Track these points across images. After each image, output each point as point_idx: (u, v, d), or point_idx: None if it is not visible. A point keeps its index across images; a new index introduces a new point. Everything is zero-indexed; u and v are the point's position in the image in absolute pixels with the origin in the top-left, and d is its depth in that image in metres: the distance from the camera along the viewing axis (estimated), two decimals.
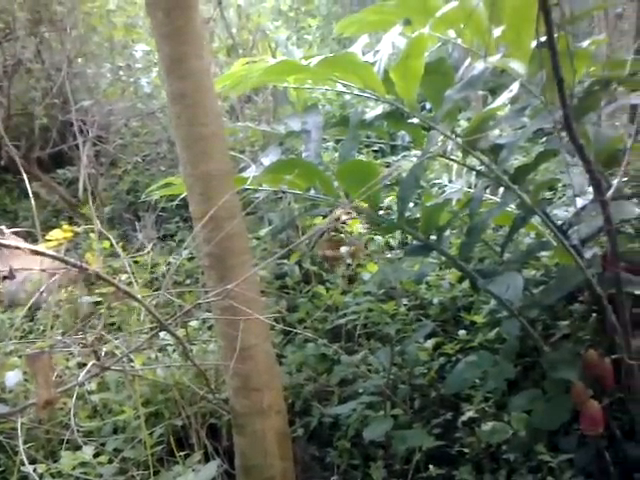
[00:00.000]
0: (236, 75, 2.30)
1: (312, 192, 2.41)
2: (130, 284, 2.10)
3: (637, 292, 1.97)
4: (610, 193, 1.62)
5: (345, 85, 2.42)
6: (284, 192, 2.53)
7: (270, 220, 3.36)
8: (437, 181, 3.70)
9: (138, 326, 2.36)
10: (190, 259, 3.36)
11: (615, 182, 1.68)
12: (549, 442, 2.39)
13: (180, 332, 2.45)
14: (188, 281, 3.33)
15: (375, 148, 4.68)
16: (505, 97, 2.05)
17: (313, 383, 2.69)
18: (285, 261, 3.14)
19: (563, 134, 2.27)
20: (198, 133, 2.01)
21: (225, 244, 2.02)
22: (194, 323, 2.82)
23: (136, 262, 2.90)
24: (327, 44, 5.40)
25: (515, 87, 2.00)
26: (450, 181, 3.54)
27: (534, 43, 2.05)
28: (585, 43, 2.41)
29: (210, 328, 2.82)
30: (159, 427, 2.29)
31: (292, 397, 2.67)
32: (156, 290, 2.74)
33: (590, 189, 2.29)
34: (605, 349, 2.16)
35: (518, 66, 1.96)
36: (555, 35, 2.00)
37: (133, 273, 1.91)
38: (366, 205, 2.40)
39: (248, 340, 1.98)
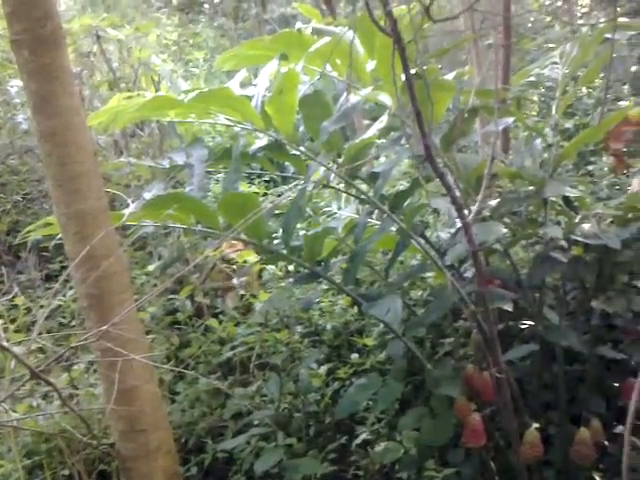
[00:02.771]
0: (112, 111, 2.27)
1: (199, 226, 2.40)
2: (6, 329, 2.00)
3: (506, 307, 2.10)
4: (471, 216, 1.71)
5: (227, 119, 2.45)
6: (166, 227, 2.49)
7: (160, 255, 3.31)
8: (327, 209, 3.78)
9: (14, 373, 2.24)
10: (76, 300, 3.23)
11: (476, 205, 1.78)
12: (440, 457, 2.47)
13: (64, 377, 2.35)
14: (74, 322, 3.20)
15: (267, 178, 4.73)
16: (376, 127, 2.14)
17: (207, 419, 2.64)
18: (176, 296, 3.09)
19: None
20: (70, 171, 1.96)
21: (103, 284, 1.97)
22: (81, 366, 2.71)
23: (15, 306, 2.75)
24: (217, 76, 5.42)
25: (384, 118, 2.09)
26: (339, 208, 3.61)
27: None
28: (451, 75, 2.57)
29: (96, 371, 2.72)
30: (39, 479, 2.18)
31: (185, 435, 2.62)
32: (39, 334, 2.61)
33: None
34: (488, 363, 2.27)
35: (386, 98, 2.05)
36: (422, 68, 2.13)
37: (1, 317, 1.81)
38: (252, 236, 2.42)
39: (131, 381, 1.93)
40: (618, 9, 3.88)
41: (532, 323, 2.51)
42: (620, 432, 1.30)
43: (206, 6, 8.68)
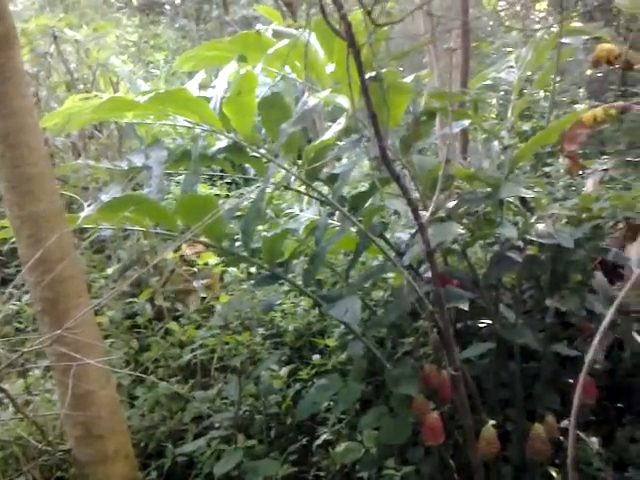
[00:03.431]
0: (67, 112, 2.23)
1: (159, 228, 2.38)
2: None
3: (463, 307, 2.13)
4: (427, 217, 1.74)
5: (186, 120, 2.43)
6: (125, 230, 2.47)
7: (119, 258, 3.27)
8: (289, 210, 3.78)
9: None
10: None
11: (431, 206, 1.81)
12: (400, 456, 2.49)
13: (20, 383, 2.31)
14: (31, 328, 3.14)
15: (228, 180, 4.71)
16: (335, 130, 2.15)
17: (167, 423, 2.62)
18: (136, 299, 3.05)
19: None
20: (23, 173, 1.92)
21: (58, 287, 1.94)
22: (36, 372, 2.66)
23: None
24: (178, 77, 5.37)
25: (342, 120, 2.11)
26: (301, 210, 3.62)
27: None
28: (409, 78, 2.60)
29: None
30: None
31: (145, 440, 2.59)
32: None
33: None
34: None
35: (344, 101, 2.07)
36: (379, 71, 2.15)
37: None
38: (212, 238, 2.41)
39: (86, 386, 1.90)
40: (573, 14, 3.97)
41: (490, 322, 2.55)
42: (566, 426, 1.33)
43: (167, 7, 8.61)
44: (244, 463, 2.24)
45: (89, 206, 2.23)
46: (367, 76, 2.10)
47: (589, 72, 4.34)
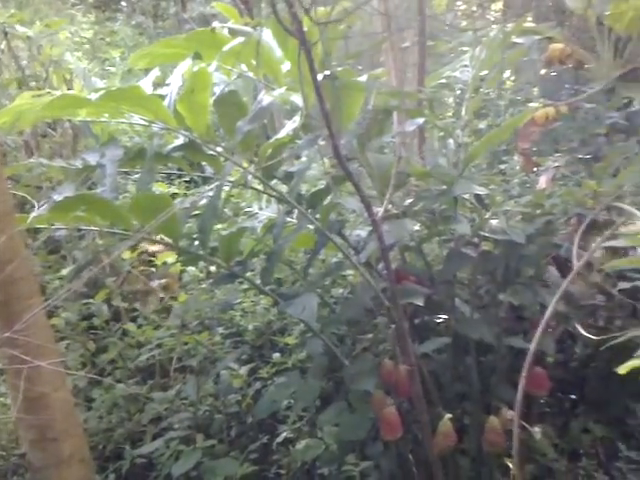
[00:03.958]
0: (17, 110, 2.18)
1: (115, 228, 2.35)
2: None
3: (418, 302, 2.16)
4: (380, 214, 1.76)
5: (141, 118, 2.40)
6: (80, 230, 2.42)
7: (74, 258, 3.21)
8: (248, 209, 3.77)
9: None
10: None
11: (384, 203, 1.83)
12: (361, 451, 2.51)
13: None
14: None
15: (187, 179, 4.67)
16: (290, 127, 2.15)
17: (125, 425, 2.59)
18: (92, 300, 3.01)
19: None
20: None
21: (9, 289, 1.90)
22: None
23: None
24: (135, 75, 5.28)
25: (297, 118, 2.11)
26: (261, 209, 3.61)
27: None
28: (365, 76, 2.62)
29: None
30: None
31: (103, 442, 2.55)
32: None
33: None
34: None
35: (298, 99, 2.07)
36: (333, 70, 2.16)
37: None
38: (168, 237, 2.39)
39: (39, 389, 1.87)
40: (525, 15, 4.06)
41: (446, 317, 2.59)
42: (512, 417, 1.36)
43: (124, 4, 8.48)
44: (203, 463, 2.22)
45: (41, 206, 2.19)
46: (321, 74, 2.13)
47: (543, 71, 4.42)
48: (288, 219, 2.65)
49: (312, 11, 2.25)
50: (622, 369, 1.28)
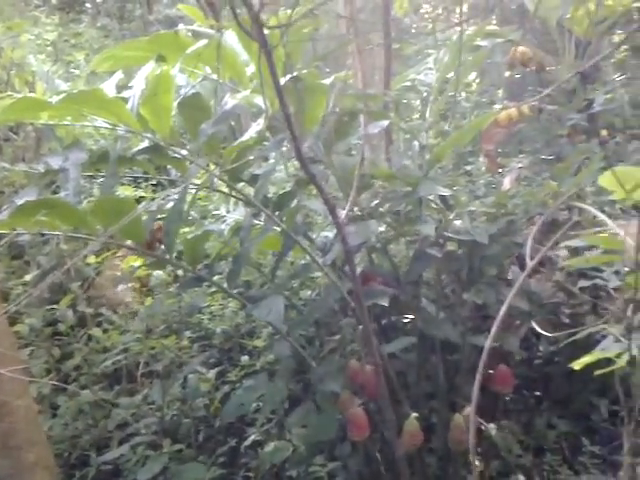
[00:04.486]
0: None
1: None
2: None
3: (383, 303, 2.18)
4: (344, 216, 1.77)
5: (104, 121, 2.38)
6: (44, 235, 2.39)
7: (38, 264, 3.16)
8: (216, 212, 3.75)
9: None
10: None
11: (347, 205, 1.84)
12: (329, 452, 2.52)
13: None
14: None
15: (154, 182, 4.63)
16: (254, 130, 2.16)
17: (91, 431, 2.55)
18: (56, 306, 2.96)
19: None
20: None
21: None
22: None
23: None
24: (100, 78, 5.21)
25: (261, 121, 2.11)
26: (228, 212, 3.60)
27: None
28: (330, 79, 2.63)
29: None
30: None
31: (68, 449, 2.52)
32: None
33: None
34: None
35: (262, 101, 2.07)
36: (294, 72, 2.17)
37: None
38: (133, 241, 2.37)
39: (2, 397, 1.84)
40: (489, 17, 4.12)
41: (413, 317, 2.62)
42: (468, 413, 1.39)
43: (88, 5, 8.37)
44: (170, 468, 2.21)
45: (3, 211, 2.15)
46: (286, 77, 2.14)
47: (507, 74, 4.51)
48: (255, 222, 2.65)
49: (274, 14, 2.26)
50: (577, 365, 1.31)
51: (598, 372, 1.32)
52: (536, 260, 1.29)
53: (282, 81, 2.05)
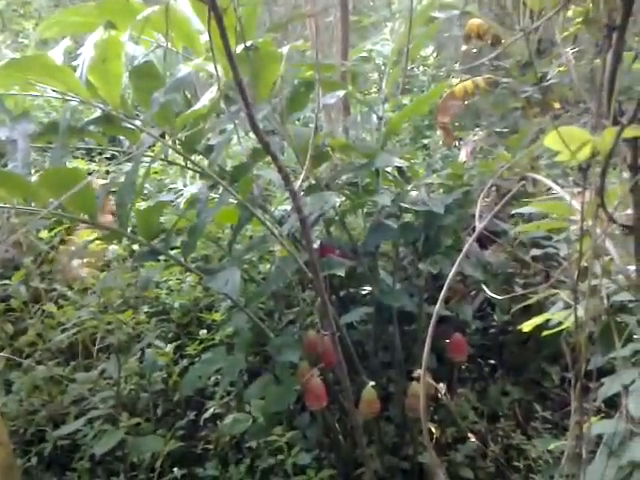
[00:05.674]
0: None
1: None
2: None
3: (339, 273, 2.18)
4: (297, 185, 1.76)
5: (55, 91, 2.31)
6: None
7: None
8: (173, 186, 3.70)
9: None
10: None
11: (302, 175, 1.83)
12: (289, 423, 2.54)
13: None
14: None
15: (108, 155, 4.54)
16: (207, 98, 2.12)
17: (47, 407, 2.52)
18: (8, 281, 2.89)
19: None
20: None
21: None
22: None
23: None
24: (51, 47, 5.02)
25: (214, 89, 2.08)
26: (185, 185, 3.55)
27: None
28: (285, 48, 2.60)
29: None
30: None
31: (24, 425, 2.48)
32: None
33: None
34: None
35: (214, 69, 2.03)
36: (245, 39, 2.13)
37: None
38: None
39: None
40: None
41: (371, 288, 2.64)
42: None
43: None
44: (128, 441, 2.20)
45: None
46: (238, 45, 2.10)
47: (464, 47, 4.52)
48: (213, 195, 2.62)
49: None
50: (526, 327, 1.34)
51: (546, 333, 1.35)
52: (483, 224, 1.30)
53: (236, 49, 2.01)
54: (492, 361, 3.06)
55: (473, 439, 2.62)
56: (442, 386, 1.34)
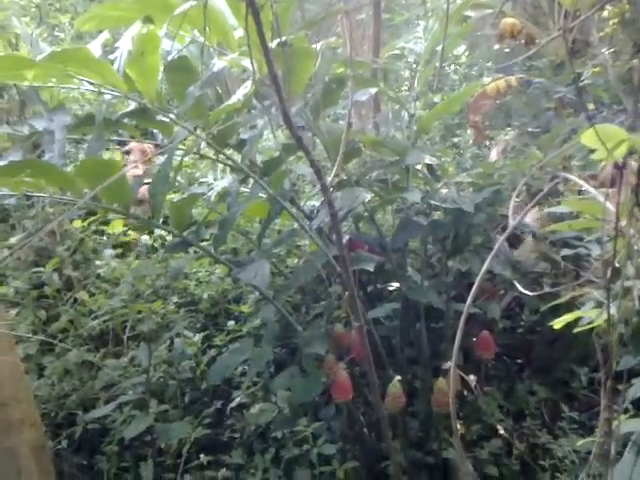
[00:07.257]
0: None
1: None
2: None
3: (368, 268, 2.20)
4: (329, 180, 1.78)
5: (91, 83, 2.36)
6: (29, 198, 2.37)
7: (24, 227, 3.15)
8: (204, 180, 3.75)
9: None
10: None
11: (334, 170, 1.85)
12: (314, 415, 2.57)
13: None
14: None
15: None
16: (241, 93, 2.15)
17: (78, 392, 2.58)
18: (42, 269, 2.96)
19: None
20: None
21: None
22: None
23: None
24: (86, 42, 5.10)
25: (249, 84, 2.11)
26: (215, 179, 3.59)
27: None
28: (318, 45, 2.62)
29: None
30: None
31: (55, 409, 2.55)
32: None
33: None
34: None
35: (249, 64, 2.06)
36: (283, 35, 2.15)
37: None
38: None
39: None
40: None
41: (398, 284, 2.65)
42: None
43: None
44: (156, 426, 2.24)
45: None
46: (273, 41, 2.13)
47: (497, 46, 4.49)
48: (243, 188, 2.66)
49: None
50: (557, 323, 1.34)
51: (577, 329, 1.35)
52: (515, 223, 1.30)
53: (271, 45, 2.04)
54: (519, 360, 3.04)
55: (502, 432, 2.61)
56: (473, 378, 1.33)
